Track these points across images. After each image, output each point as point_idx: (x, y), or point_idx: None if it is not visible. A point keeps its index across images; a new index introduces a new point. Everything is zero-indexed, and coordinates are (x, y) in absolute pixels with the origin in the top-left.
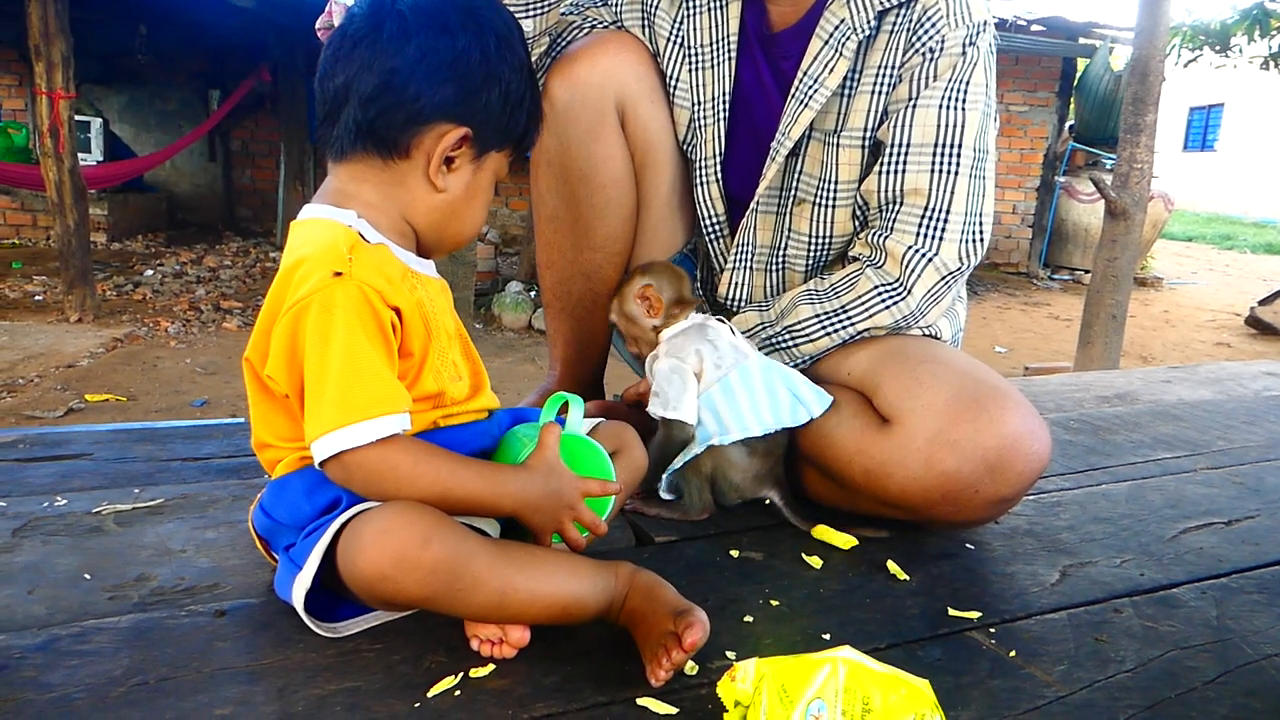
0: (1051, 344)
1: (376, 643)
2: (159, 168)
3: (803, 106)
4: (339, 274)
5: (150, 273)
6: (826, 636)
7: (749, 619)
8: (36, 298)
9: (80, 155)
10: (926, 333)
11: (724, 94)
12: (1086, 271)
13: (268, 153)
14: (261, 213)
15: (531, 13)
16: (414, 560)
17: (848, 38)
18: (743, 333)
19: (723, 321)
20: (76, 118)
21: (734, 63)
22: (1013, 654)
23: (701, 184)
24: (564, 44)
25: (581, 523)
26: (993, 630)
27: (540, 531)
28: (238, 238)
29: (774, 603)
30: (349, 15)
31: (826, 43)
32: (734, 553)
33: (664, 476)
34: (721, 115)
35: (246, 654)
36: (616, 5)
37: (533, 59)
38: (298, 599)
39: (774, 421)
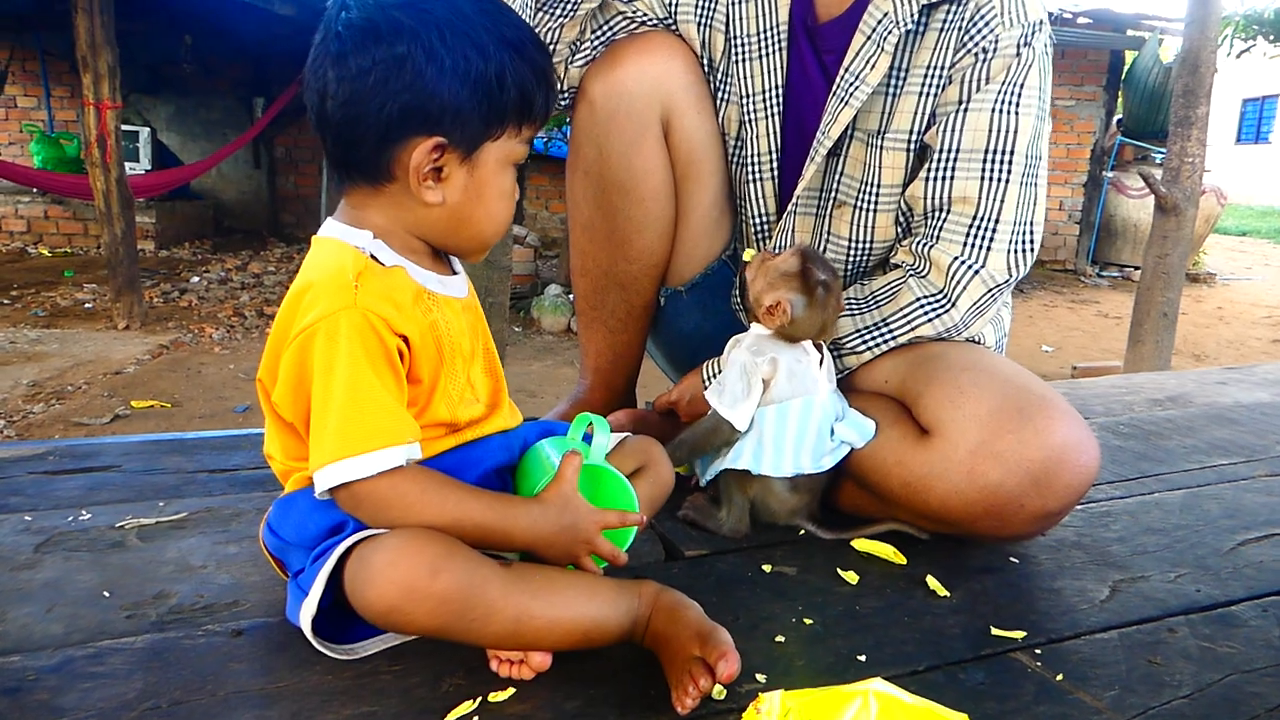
0: (1100, 343)
1: (394, 664)
2: (205, 175)
3: (843, 104)
4: (345, 306)
5: (196, 279)
6: (862, 658)
7: (780, 639)
8: (86, 305)
9: (129, 164)
10: (969, 339)
11: (777, 86)
12: (1136, 268)
13: (310, 159)
14: (305, 218)
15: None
16: (423, 591)
17: (890, 31)
18: None
19: (821, 345)
20: (125, 128)
21: (785, 53)
22: (1060, 677)
23: (754, 181)
24: (609, 34)
25: (599, 555)
26: (1038, 651)
27: (554, 564)
28: (282, 243)
29: (807, 621)
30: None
31: (869, 37)
32: (766, 568)
33: (701, 470)
34: (776, 109)
35: (261, 676)
36: (671, 1)
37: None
38: (305, 627)
39: (810, 465)
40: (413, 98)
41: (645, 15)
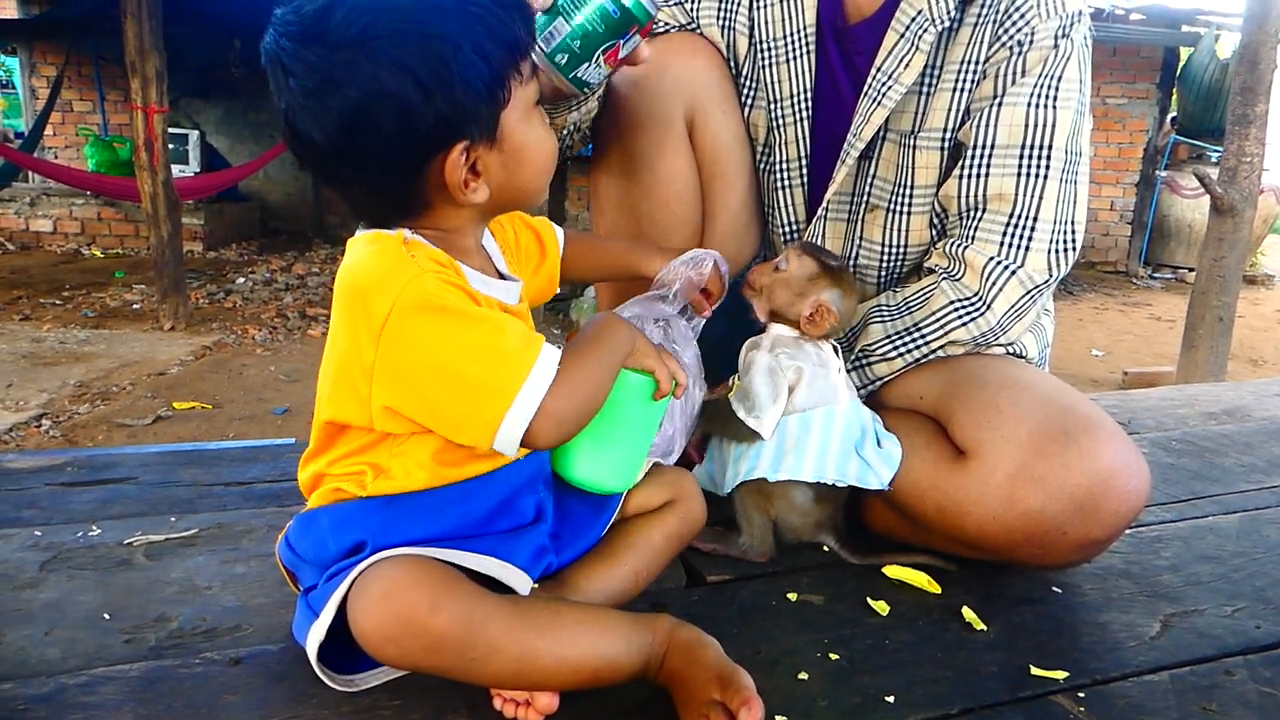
0: (1152, 347)
1: (394, 699)
2: (252, 177)
3: (875, 105)
4: (412, 276)
5: (241, 281)
6: (890, 699)
7: (804, 676)
8: (134, 306)
9: (179, 167)
10: (1010, 351)
11: (805, 89)
12: (1190, 269)
13: None
14: (349, 220)
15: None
16: (421, 626)
17: (925, 30)
18: None
19: (837, 348)
20: (175, 131)
21: (813, 56)
22: None
23: (783, 187)
24: None
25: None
26: (1082, 694)
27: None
28: (326, 245)
29: (833, 656)
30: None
31: (903, 36)
32: (792, 596)
33: (717, 475)
34: (805, 113)
35: (256, 709)
36: (694, 5)
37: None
38: (311, 650)
39: (835, 476)
40: (414, 125)
41: (667, 24)
